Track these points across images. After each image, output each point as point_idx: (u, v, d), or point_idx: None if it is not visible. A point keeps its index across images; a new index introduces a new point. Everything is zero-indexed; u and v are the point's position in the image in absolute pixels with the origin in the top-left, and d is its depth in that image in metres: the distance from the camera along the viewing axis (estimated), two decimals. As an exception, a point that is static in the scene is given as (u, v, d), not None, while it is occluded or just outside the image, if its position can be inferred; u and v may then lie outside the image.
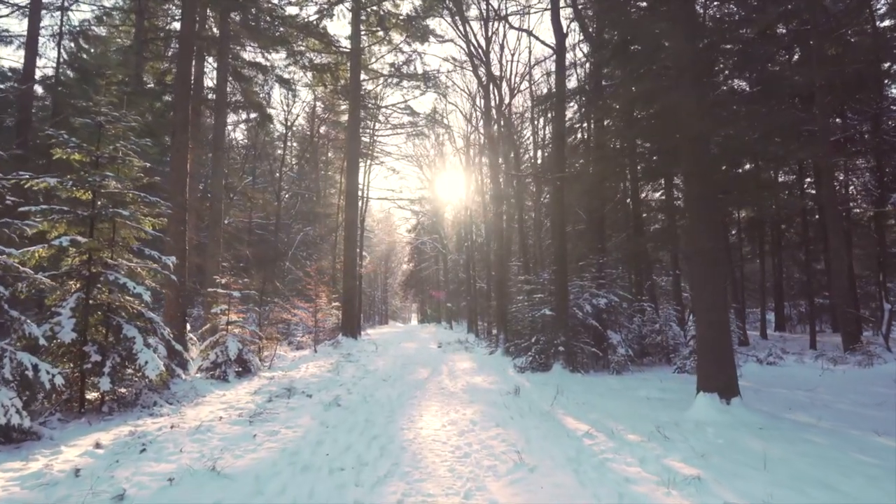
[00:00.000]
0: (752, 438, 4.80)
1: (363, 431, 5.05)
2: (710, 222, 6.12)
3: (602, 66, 10.47)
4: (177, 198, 9.09)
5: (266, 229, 28.37)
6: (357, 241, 20.07)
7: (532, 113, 17.39)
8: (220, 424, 5.40)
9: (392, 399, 7.16)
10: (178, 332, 8.77)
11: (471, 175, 26.86)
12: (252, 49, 20.71)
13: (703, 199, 6.13)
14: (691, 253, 6.20)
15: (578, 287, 12.12)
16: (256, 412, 6.07)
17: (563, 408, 6.24)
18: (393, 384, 8.76)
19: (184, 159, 9.22)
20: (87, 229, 6.76)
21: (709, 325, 6.02)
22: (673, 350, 12.52)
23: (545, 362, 11.04)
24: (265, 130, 30.04)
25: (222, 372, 9.22)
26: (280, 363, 11.97)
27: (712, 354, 5.99)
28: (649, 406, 6.64)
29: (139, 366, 6.35)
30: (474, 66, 16.45)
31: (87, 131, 7.06)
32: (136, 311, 6.88)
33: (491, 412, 5.94)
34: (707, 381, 5.98)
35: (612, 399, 7.34)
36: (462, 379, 9.60)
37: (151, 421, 5.76)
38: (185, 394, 7.53)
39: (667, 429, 5.08)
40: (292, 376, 9.87)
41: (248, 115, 28.97)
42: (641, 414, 6.02)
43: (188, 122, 9.37)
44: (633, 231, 15.38)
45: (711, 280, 6.05)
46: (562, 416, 5.70)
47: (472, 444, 4.56)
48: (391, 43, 21.23)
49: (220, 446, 4.48)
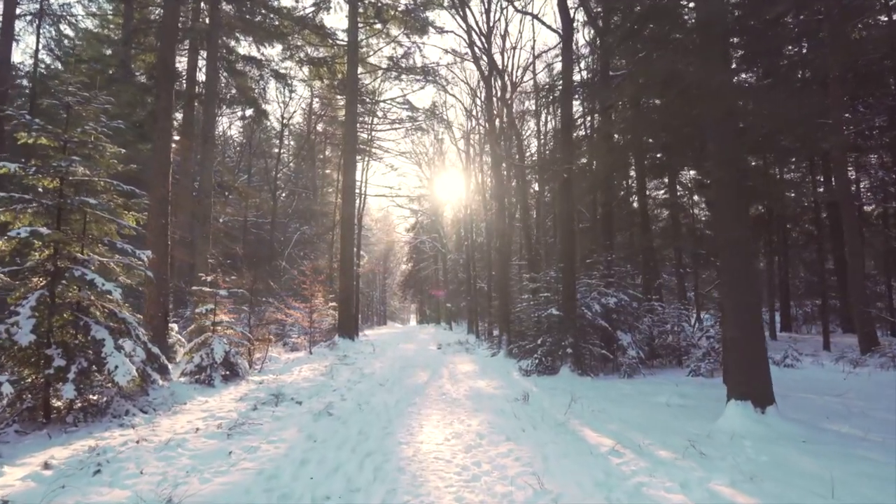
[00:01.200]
0: (799, 455, 4.20)
1: (356, 447, 4.43)
2: (739, 210, 5.53)
3: (610, 52, 9.88)
4: (158, 189, 8.48)
5: (262, 228, 27.77)
6: (354, 239, 19.44)
7: (536, 105, 16.80)
8: (194, 438, 4.78)
9: (389, 407, 6.55)
10: (158, 334, 8.14)
11: (470, 173, 26.29)
12: (247, 43, 20.13)
13: (731, 185, 5.53)
14: (722, 244, 5.60)
15: (586, 286, 11.52)
16: (238, 423, 5.45)
17: (579, 417, 5.63)
18: (390, 389, 8.15)
19: (166, 148, 8.61)
20: (54, 220, 6.15)
21: (741, 324, 5.42)
22: (685, 352, 11.93)
23: (552, 365, 10.44)
24: (260, 127, 29.45)
25: (207, 376, 8.60)
26: (272, 366, 11.35)
27: (745, 358, 5.39)
28: (672, 414, 6.04)
29: (108, 371, 5.73)
30: (475, 57, 15.84)
31: (59, 115, 6.48)
32: (107, 311, 6.27)
33: (499, 423, 5.33)
34: (739, 387, 5.38)
35: (628, 406, 6.73)
36: (464, 383, 8.99)
37: (120, 433, 5.14)
38: (164, 401, 6.91)
39: (700, 443, 4.47)
40: (283, 380, 9.25)
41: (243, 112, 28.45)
42: (666, 424, 5.41)
43: (171, 109, 8.77)
44: (640, 228, 14.82)
45: (743, 274, 5.45)
46: (579, 428, 5.09)
47: (481, 464, 3.95)
48: (389, 35, 20.63)
49: (188, 466, 3.87)
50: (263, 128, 31.30)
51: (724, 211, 5.61)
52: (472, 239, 27.57)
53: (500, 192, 15.37)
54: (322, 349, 15.37)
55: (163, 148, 8.57)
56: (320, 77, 22.35)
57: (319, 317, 17.11)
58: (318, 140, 30.62)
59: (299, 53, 21.03)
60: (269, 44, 19.94)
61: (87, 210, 6.18)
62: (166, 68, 8.75)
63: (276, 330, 17.83)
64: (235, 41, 19.43)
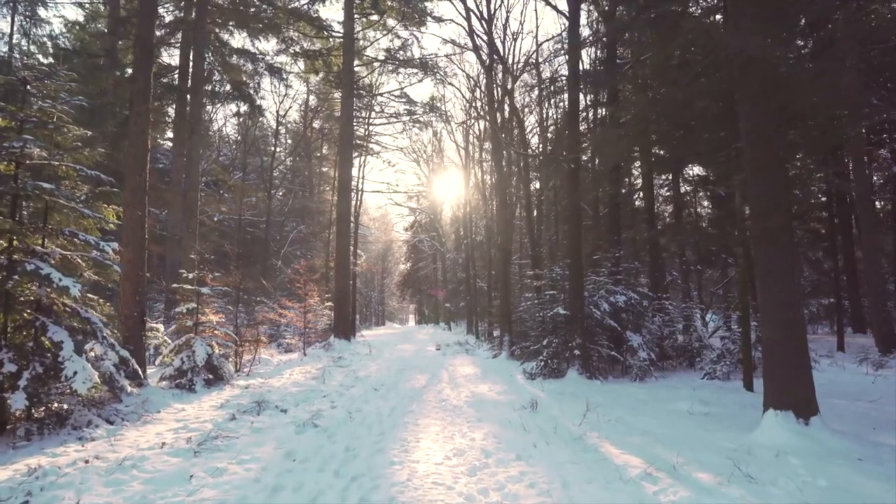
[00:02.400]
0: (861, 477, 3.57)
1: (340, 469, 3.79)
2: (777, 194, 4.89)
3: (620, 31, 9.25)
4: (134, 178, 7.81)
5: (257, 227, 27.14)
6: (350, 236, 18.78)
7: (539, 96, 16.16)
8: (156, 456, 4.14)
9: (383, 415, 5.90)
10: (133, 335, 7.48)
11: (470, 171, 25.65)
12: (241, 37, 19.49)
13: (768, 166, 4.91)
14: (757, 234, 4.97)
15: (593, 283, 10.88)
16: (210, 436, 4.81)
17: (596, 429, 5.00)
18: (385, 395, 7.50)
19: (143, 134, 7.95)
20: (9, 209, 5.51)
21: (780, 324, 4.79)
22: (697, 353, 11.30)
23: (558, 368, 9.81)
24: (255, 123, 28.80)
25: (189, 380, 7.97)
26: (262, 369, 10.72)
27: (785, 362, 4.76)
28: (698, 425, 5.41)
29: (66, 377, 5.09)
30: (475, 46, 15.19)
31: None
32: (69, 310, 5.62)
33: (506, 436, 4.69)
34: (779, 394, 4.75)
35: (647, 415, 6.10)
36: (465, 388, 8.35)
37: (75, 448, 4.50)
38: (136, 409, 6.27)
39: (742, 461, 3.85)
40: (271, 385, 8.62)
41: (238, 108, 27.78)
42: (695, 437, 4.78)
43: (149, 92, 8.11)
44: (646, 223, 14.18)
45: (782, 267, 4.82)
46: (598, 443, 4.45)
47: (489, 492, 3.30)
48: (386, 26, 19.99)
49: (137, 496, 3.22)
50: (259, 125, 30.68)
51: (759, 196, 4.98)
52: (471, 238, 26.94)
53: (501, 184, 14.71)
54: (317, 350, 14.73)
55: (139, 133, 7.92)
56: (315, 70, 21.71)
57: (314, 317, 16.48)
58: (314, 137, 29.98)
59: (294, 46, 20.39)
60: (263, 37, 19.32)
61: (47, 198, 5.54)
62: (144, 48, 8.12)
63: (271, 331, 17.19)
64: (229, 34, 18.80)
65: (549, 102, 16.99)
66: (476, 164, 25.21)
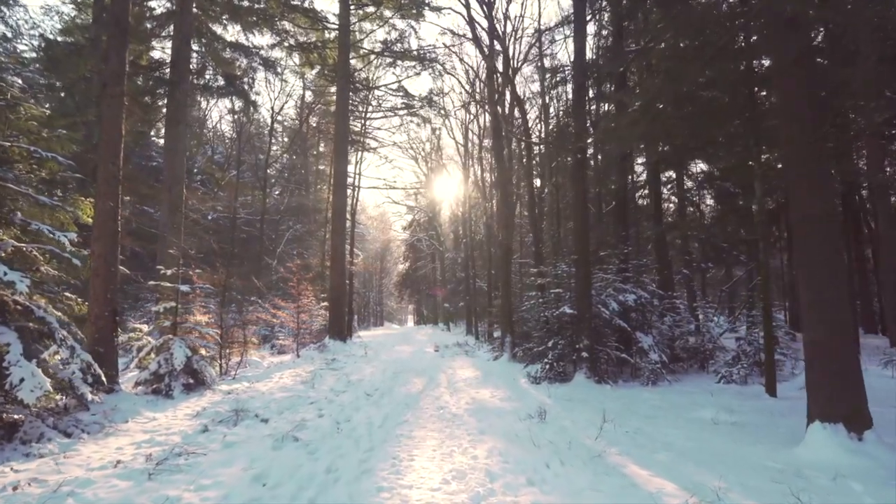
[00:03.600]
0: (943, 507, 2.97)
1: (317, 498, 3.17)
2: (820, 177, 4.29)
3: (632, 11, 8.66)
4: (107, 166, 7.19)
5: (253, 225, 26.52)
6: (346, 233, 18.13)
7: (542, 85, 15.54)
8: (104, 480, 3.52)
9: (374, 426, 5.29)
10: (104, 336, 6.86)
11: (469, 169, 25.07)
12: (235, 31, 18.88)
13: (809, 146, 4.31)
14: (796, 222, 4.37)
15: (601, 281, 10.28)
16: (174, 452, 4.19)
17: (615, 442, 4.39)
18: (378, 401, 6.88)
19: (116, 118, 7.33)
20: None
21: (826, 324, 4.19)
22: (710, 355, 10.71)
23: (564, 371, 9.21)
24: (250, 119, 28.17)
25: (166, 385, 7.34)
26: (250, 371, 10.10)
27: (833, 368, 4.16)
28: (728, 437, 4.80)
29: (11, 384, 4.47)
30: (475, 36, 14.59)
31: None
32: (20, 308, 5.00)
33: (514, 453, 4.07)
34: (826, 405, 4.15)
35: (668, 424, 5.50)
36: (465, 393, 7.74)
37: (13, 469, 3.88)
38: (101, 419, 5.64)
39: (793, 484, 3.25)
40: (257, 390, 7.99)
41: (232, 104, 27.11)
42: (729, 453, 4.18)
43: (123, 74, 7.49)
44: (653, 219, 13.58)
45: (826, 260, 4.22)
46: (620, 461, 3.84)
47: (497, 530, 2.70)
48: (382, 18, 19.39)
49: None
50: (254, 122, 30.04)
51: (797, 180, 4.38)
52: (470, 236, 26.33)
53: (503, 177, 14.08)
54: (310, 352, 14.11)
55: (112, 118, 7.31)
56: (311, 64, 21.10)
57: (308, 317, 15.85)
58: (311, 134, 29.38)
59: (289, 39, 19.79)
60: (257, 30, 18.69)
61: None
62: (118, 25, 7.51)
63: (264, 331, 16.56)
64: (222, 27, 18.17)
65: (552, 94, 16.39)
66: (476, 161, 24.64)
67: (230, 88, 19.00)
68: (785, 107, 4.52)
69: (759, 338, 9.63)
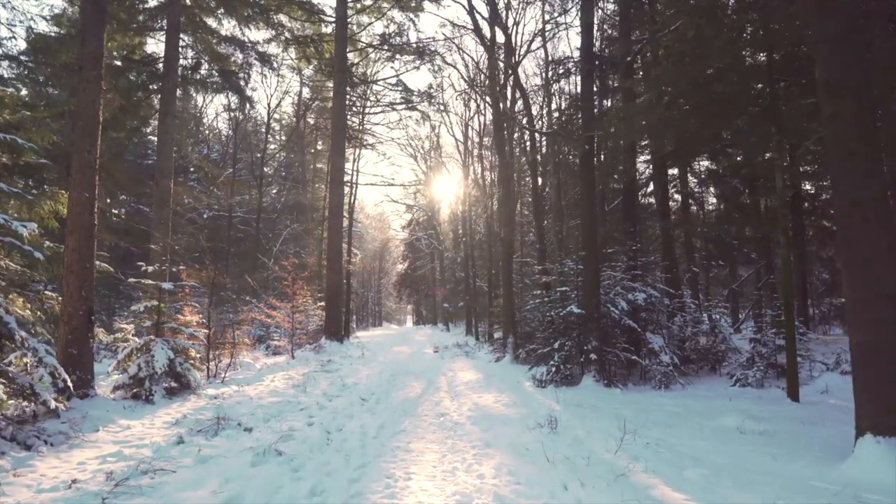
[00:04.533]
0: None
1: (297, 528, 2.69)
2: (870, 156, 3.81)
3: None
4: (83, 154, 6.69)
5: (249, 224, 26.04)
6: (343, 231, 17.65)
7: (546, 79, 15.06)
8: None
9: (367, 437, 4.80)
10: (78, 337, 6.36)
11: (469, 167, 24.60)
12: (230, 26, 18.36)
13: (856, 122, 3.83)
14: (841, 209, 3.89)
15: (609, 279, 9.81)
16: (140, 470, 3.70)
17: (637, 457, 3.90)
18: (374, 408, 6.39)
19: (94, 103, 6.84)
20: None
21: (876, 324, 3.72)
22: (722, 357, 10.24)
23: (571, 374, 8.72)
24: (246, 116, 27.69)
25: (146, 390, 6.82)
26: (241, 374, 9.61)
27: (885, 373, 3.67)
28: (759, 449, 4.32)
29: (-43, 393, 3.98)
30: (476, 27, 14.11)
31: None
32: (-26, 307, 4.51)
33: (525, 471, 3.58)
34: (877, 415, 3.67)
35: (689, 434, 5.02)
36: (467, 398, 7.25)
37: (-49, 490, 3.37)
38: (70, 428, 5.13)
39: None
40: (245, 394, 7.51)
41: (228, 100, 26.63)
42: (768, 470, 3.69)
43: (102, 56, 7.00)
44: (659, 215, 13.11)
45: (877, 250, 3.73)
46: (648, 481, 3.35)
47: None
48: (380, 10, 18.91)
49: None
50: (251, 120, 29.57)
51: (844, 161, 3.90)
52: (470, 236, 25.85)
53: (504, 172, 13.60)
54: (306, 353, 13.62)
55: (89, 103, 6.81)
56: (307, 58, 20.60)
57: (304, 317, 15.36)
58: (308, 131, 28.88)
59: (285, 33, 19.29)
60: (253, 25, 18.19)
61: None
62: (96, 4, 7.03)
63: (259, 332, 16.07)
64: (217, 21, 17.68)
65: (555, 88, 15.92)
66: (476, 159, 24.18)
67: (225, 84, 18.48)
68: (830, 82, 4.04)
69: (774, 338, 9.18)
